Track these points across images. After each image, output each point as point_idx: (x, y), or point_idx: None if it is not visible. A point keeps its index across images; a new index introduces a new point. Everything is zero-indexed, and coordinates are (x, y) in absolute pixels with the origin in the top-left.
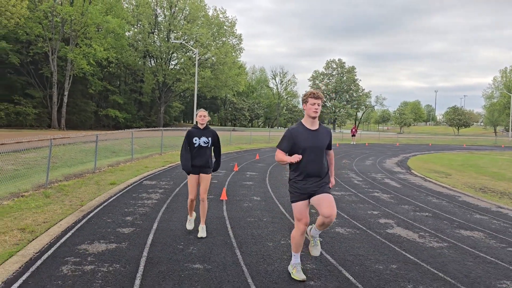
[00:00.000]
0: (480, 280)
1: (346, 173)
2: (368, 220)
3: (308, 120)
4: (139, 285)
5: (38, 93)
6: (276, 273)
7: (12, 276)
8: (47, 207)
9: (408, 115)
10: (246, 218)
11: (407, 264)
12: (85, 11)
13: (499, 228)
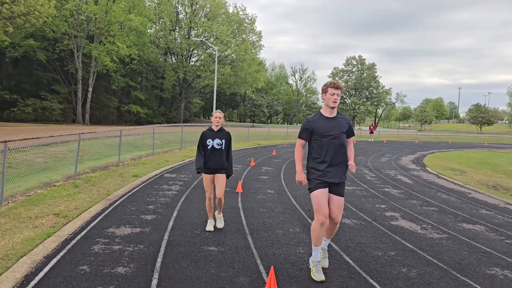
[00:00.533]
0: (471, 266)
1: (360, 169)
2: (374, 213)
3: (327, 110)
4: (160, 262)
5: (64, 89)
6: (282, 256)
7: (51, 252)
8: (77, 196)
9: (430, 112)
10: (259, 209)
11: (405, 252)
12: (109, 9)
13: (502, 222)
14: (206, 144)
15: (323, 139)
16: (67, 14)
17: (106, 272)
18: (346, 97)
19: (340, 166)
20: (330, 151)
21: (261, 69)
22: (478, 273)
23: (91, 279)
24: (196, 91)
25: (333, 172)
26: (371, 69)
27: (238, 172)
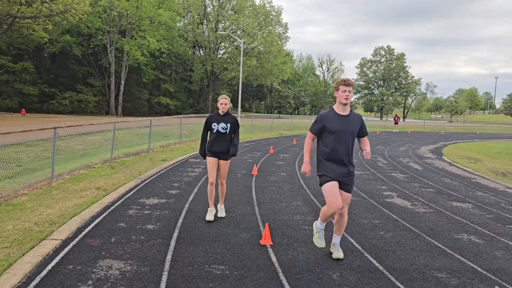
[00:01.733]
0: (442, 232)
1: (374, 157)
2: (374, 192)
3: (340, 107)
4: (181, 222)
5: (98, 82)
6: (281, 221)
7: (95, 214)
8: (113, 175)
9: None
10: (269, 187)
11: (388, 221)
12: (140, 5)
13: (492, 202)
14: (211, 127)
15: (332, 136)
16: (100, 11)
17: (138, 228)
18: (374, 88)
19: (347, 166)
20: (338, 149)
21: (287, 61)
22: (446, 237)
23: (127, 231)
24: (223, 83)
25: (340, 169)
26: (400, 59)
27: (256, 158)
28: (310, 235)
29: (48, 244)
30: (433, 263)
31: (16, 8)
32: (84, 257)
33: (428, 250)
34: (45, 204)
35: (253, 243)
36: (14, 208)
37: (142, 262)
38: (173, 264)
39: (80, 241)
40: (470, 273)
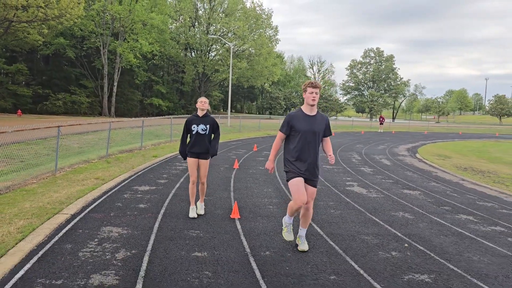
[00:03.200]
0: (382, 210)
1: (350, 154)
2: (338, 182)
3: (307, 107)
4: (167, 203)
5: (91, 83)
6: (251, 202)
7: (96, 197)
8: (109, 168)
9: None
10: (247, 178)
11: (341, 203)
12: (132, 9)
13: (439, 190)
14: (191, 129)
15: (299, 135)
16: (94, 14)
17: (132, 206)
18: (364, 89)
19: (313, 163)
20: (304, 147)
21: (277, 63)
22: (384, 214)
23: (123, 208)
24: (215, 85)
25: (305, 166)
26: (389, 61)
27: (240, 155)
28: (273, 212)
29: (60, 217)
30: (365, 230)
31: (13, 13)
32: (90, 225)
33: (365, 222)
34: (53, 190)
35: (225, 217)
36: (28, 193)
37: (135, 228)
38: (159, 230)
39: (85, 215)
40: (390, 236)
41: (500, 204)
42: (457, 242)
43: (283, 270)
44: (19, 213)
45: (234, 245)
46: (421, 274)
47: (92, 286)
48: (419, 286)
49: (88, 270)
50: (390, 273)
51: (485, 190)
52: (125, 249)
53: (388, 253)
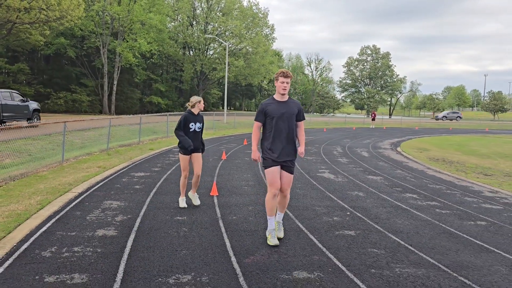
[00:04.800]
0: (341, 190)
1: (334, 148)
2: (311, 170)
3: (279, 95)
4: (159, 185)
5: (91, 82)
6: (230, 184)
7: (99, 181)
8: (110, 159)
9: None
10: (231, 167)
11: (307, 185)
12: (131, 9)
13: (401, 176)
14: (189, 127)
15: (273, 121)
16: (93, 14)
17: (129, 187)
18: (361, 86)
19: (289, 147)
20: (279, 132)
21: (274, 61)
22: (341, 193)
23: (121, 189)
24: (213, 83)
25: (282, 152)
26: (386, 58)
27: (230, 148)
28: (247, 191)
29: (70, 194)
30: (318, 203)
31: (15, 15)
32: (94, 200)
33: (321, 198)
34: (61, 176)
35: (205, 194)
36: (41, 178)
37: (131, 202)
38: (150, 203)
39: (90, 193)
40: (338, 208)
41: (448, 186)
42: (391, 211)
43: (242, 227)
44: (35, 192)
45: (208, 212)
46: (349, 230)
47: (98, 236)
48: (344, 238)
49: (94, 227)
50: (325, 230)
51: (443, 176)
52: (122, 215)
53: (330, 218)
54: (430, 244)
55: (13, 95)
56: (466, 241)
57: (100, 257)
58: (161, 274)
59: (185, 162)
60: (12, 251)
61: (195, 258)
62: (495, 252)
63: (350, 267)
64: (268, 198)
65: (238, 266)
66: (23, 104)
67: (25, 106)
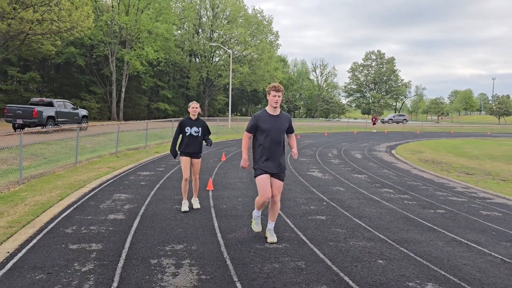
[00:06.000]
0: (323, 185)
1: (330, 150)
2: (302, 169)
3: (271, 108)
4: (162, 182)
5: (100, 90)
6: (225, 181)
7: (110, 178)
8: (119, 161)
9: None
10: (229, 167)
11: (295, 182)
12: (138, 19)
13: (385, 175)
14: (185, 131)
15: (264, 133)
16: (102, 24)
17: (136, 183)
18: (366, 91)
19: (278, 158)
20: (270, 145)
21: (279, 67)
22: (323, 188)
23: (129, 185)
24: (219, 89)
25: (272, 163)
26: (390, 63)
27: (230, 151)
28: (239, 187)
29: (84, 189)
30: (300, 196)
31: (28, 26)
32: (105, 193)
33: (304, 192)
34: (76, 174)
35: (202, 189)
36: (58, 176)
37: (137, 194)
38: (153, 195)
39: (102, 188)
40: (317, 199)
41: (425, 183)
42: (363, 202)
43: (230, 213)
44: (55, 187)
45: (203, 202)
46: (321, 216)
47: (109, 219)
48: (315, 221)
49: (106, 213)
50: (300, 215)
51: (425, 175)
52: (129, 204)
53: (308, 207)
54: (386, 226)
55: (66, 103)
56: (419, 224)
57: (111, 233)
58: (159, 244)
59: (185, 164)
60: (41, 229)
61: (188, 234)
62: (440, 231)
63: (313, 240)
64: (258, 200)
65: (221, 240)
66: (73, 111)
67: (75, 113)
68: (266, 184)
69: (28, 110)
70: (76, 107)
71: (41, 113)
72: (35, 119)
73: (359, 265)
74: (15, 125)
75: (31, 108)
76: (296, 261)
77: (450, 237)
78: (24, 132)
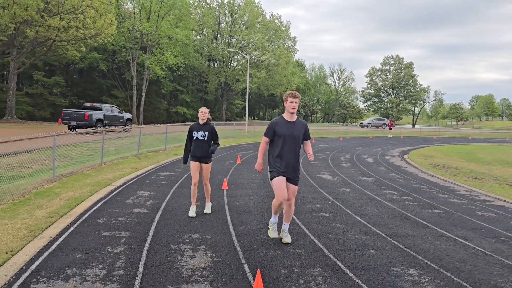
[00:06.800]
0: (330, 187)
1: (343, 154)
2: (313, 172)
3: (288, 115)
4: (181, 181)
5: (121, 94)
6: (239, 182)
7: (132, 177)
8: (140, 162)
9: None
10: (243, 169)
11: (304, 183)
12: (159, 25)
13: (392, 178)
14: (192, 135)
15: (281, 139)
16: (124, 31)
17: (157, 182)
18: (384, 96)
19: (294, 163)
20: (286, 150)
21: (296, 72)
22: (330, 188)
23: (150, 184)
24: (236, 93)
25: (288, 168)
26: (409, 68)
27: (246, 154)
28: (252, 187)
29: (111, 186)
30: (308, 195)
31: (55, 33)
32: (130, 190)
33: (312, 192)
34: (102, 174)
35: (217, 188)
36: (86, 175)
37: (158, 192)
38: (173, 193)
39: (126, 186)
40: (323, 199)
41: (430, 186)
42: (366, 202)
43: (242, 209)
44: (84, 185)
45: (218, 200)
46: (324, 213)
47: (134, 212)
48: (318, 217)
49: (131, 207)
50: (306, 212)
51: (431, 179)
52: (152, 200)
53: (313, 205)
54: (383, 223)
55: (112, 108)
56: (414, 222)
57: (137, 223)
58: (179, 233)
59: (194, 169)
60: (76, 219)
61: (204, 226)
62: (432, 228)
63: (314, 233)
64: (274, 203)
65: (233, 231)
66: (119, 114)
67: (120, 116)
68: (282, 186)
69: (81, 113)
70: (121, 111)
71: (91, 116)
72: (86, 121)
73: (352, 253)
74: (69, 126)
75: (83, 112)
76: (297, 249)
77: (440, 233)
78: (77, 133)
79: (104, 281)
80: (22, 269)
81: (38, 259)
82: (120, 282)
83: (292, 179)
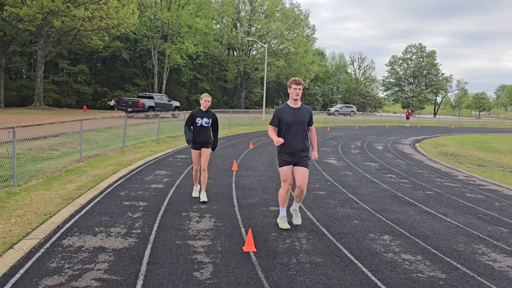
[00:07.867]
0: (334, 170)
1: (354, 142)
2: (320, 157)
3: (292, 101)
4: (186, 172)
5: (143, 82)
6: (248, 164)
7: (151, 159)
8: (159, 146)
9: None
10: (254, 153)
11: (311, 167)
12: (179, 14)
13: (396, 164)
14: (195, 122)
15: (287, 125)
16: (146, 20)
17: (173, 164)
18: (405, 85)
19: (301, 147)
20: (293, 135)
21: (315, 60)
22: (333, 171)
23: (167, 165)
24: (255, 82)
25: (295, 155)
26: (431, 56)
27: (259, 141)
28: (260, 169)
29: (132, 166)
30: (310, 177)
31: (80, 23)
32: (149, 169)
33: (314, 174)
34: (124, 156)
35: (228, 169)
36: (110, 157)
37: (174, 172)
38: (186, 173)
39: (146, 166)
40: (323, 180)
41: (431, 172)
42: (363, 183)
43: (247, 187)
44: (108, 165)
45: (227, 179)
46: (321, 191)
47: (152, 187)
48: (314, 194)
49: (149, 183)
50: None
51: (435, 165)
52: (167, 178)
53: (313, 185)
54: (374, 200)
55: (162, 97)
56: (402, 200)
57: (153, 196)
58: (188, 204)
59: (195, 156)
60: (101, 192)
61: (211, 199)
62: (417, 206)
63: (307, 207)
64: (281, 192)
65: (236, 204)
66: (168, 102)
67: (169, 104)
68: (288, 173)
69: (136, 101)
70: (170, 100)
71: (144, 104)
72: (140, 108)
73: (337, 223)
74: (126, 111)
75: (137, 100)
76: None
77: (423, 210)
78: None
79: (125, 237)
80: (58, 226)
81: (71, 220)
82: (137, 237)
83: (302, 161)
